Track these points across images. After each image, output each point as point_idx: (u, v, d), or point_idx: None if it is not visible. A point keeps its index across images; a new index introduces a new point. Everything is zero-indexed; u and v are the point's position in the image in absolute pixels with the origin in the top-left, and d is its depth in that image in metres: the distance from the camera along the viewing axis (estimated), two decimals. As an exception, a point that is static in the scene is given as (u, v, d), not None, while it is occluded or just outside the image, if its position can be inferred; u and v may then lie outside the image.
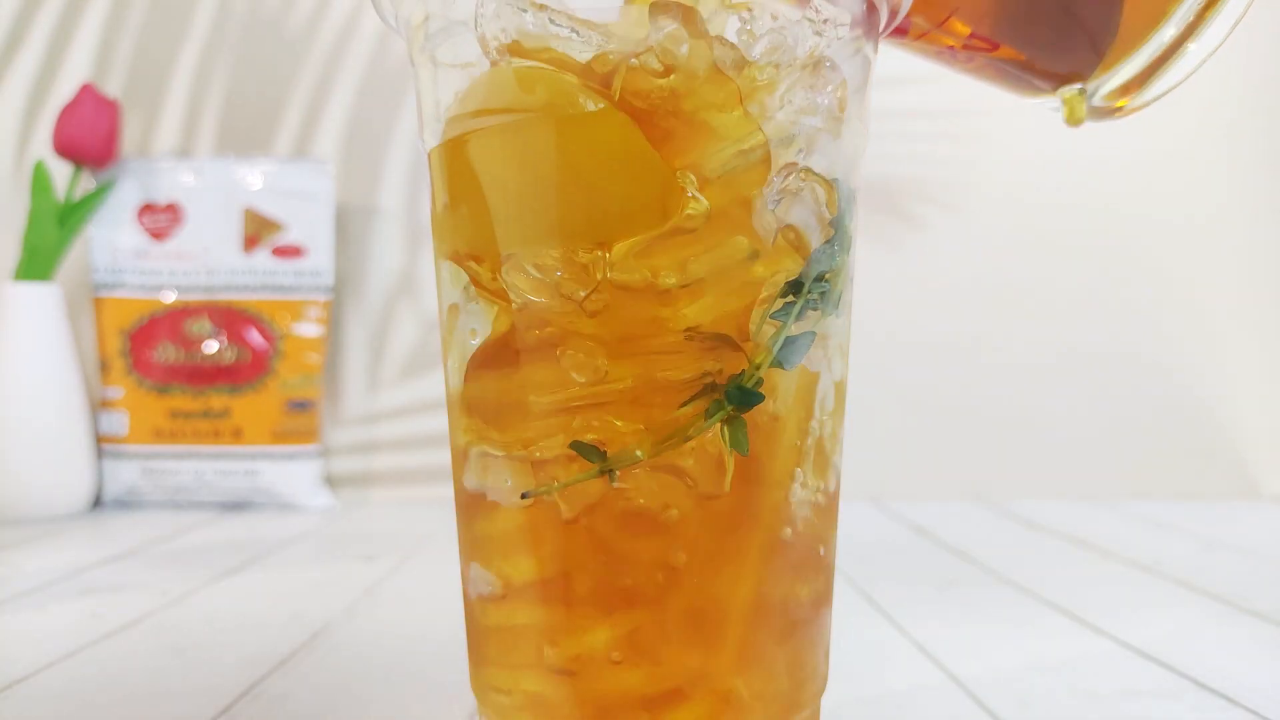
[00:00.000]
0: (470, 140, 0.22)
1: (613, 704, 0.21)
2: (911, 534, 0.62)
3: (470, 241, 0.22)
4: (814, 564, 0.23)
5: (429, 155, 0.24)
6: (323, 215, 0.73)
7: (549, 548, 0.21)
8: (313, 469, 0.72)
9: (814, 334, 0.22)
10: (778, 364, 0.21)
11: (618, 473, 0.20)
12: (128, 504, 0.71)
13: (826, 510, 0.24)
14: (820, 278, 0.21)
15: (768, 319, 0.21)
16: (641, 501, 0.20)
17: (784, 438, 0.21)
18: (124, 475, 0.71)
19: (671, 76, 0.20)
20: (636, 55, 0.20)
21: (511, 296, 0.21)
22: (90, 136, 0.68)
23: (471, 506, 0.23)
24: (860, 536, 0.61)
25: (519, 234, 0.21)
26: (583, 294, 0.20)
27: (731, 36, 0.20)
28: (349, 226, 0.78)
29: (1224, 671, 0.34)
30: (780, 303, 0.21)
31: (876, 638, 0.39)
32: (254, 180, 0.73)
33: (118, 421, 0.71)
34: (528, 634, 0.21)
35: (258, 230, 0.72)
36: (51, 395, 0.67)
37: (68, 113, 0.68)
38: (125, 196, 0.72)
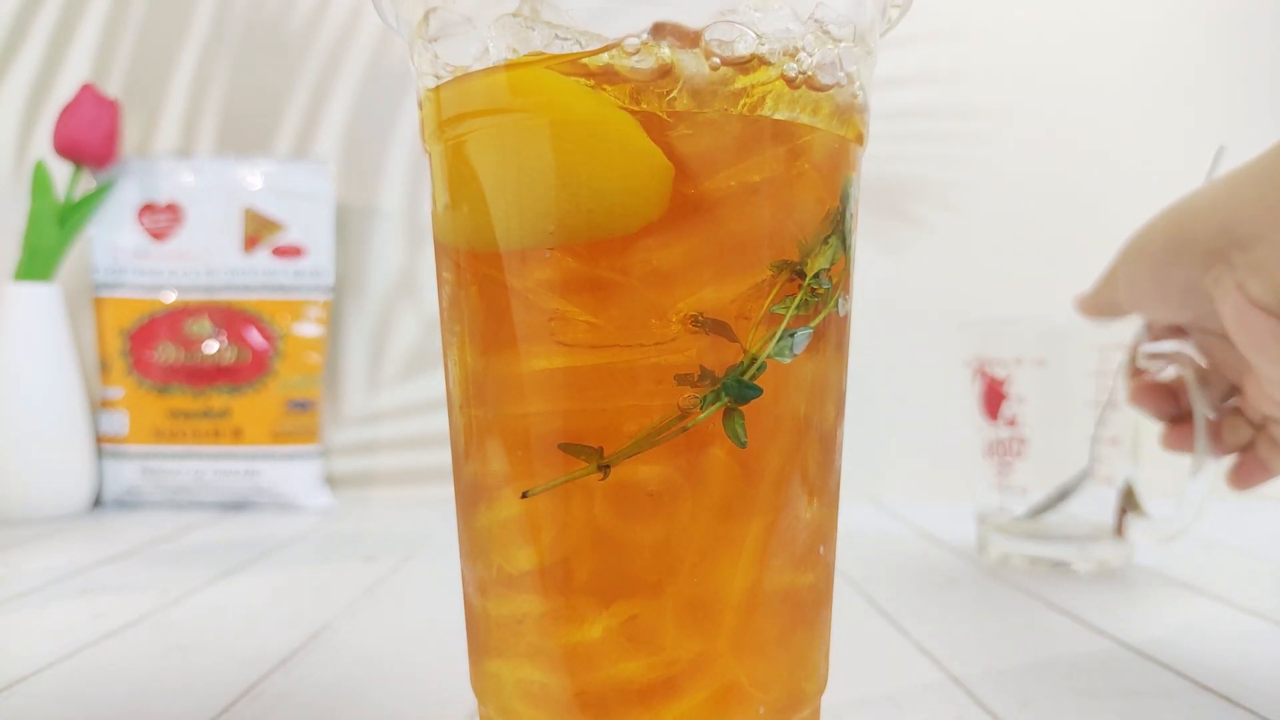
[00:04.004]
0: (470, 139, 0.22)
1: (613, 692, 0.21)
2: (911, 534, 0.62)
3: (470, 239, 0.22)
4: (813, 562, 0.23)
5: (429, 154, 0.24)
6: (323, 215, 0.73)
7: (548, 539, 0.21)
8: (313, 469, 0.72)
9: (813, 328, 0.22)
10: (776, 357, 0.21)
11: (613, 467, 0.20)
12: (128, 504, 0.71)
13: (826, 509, 0.23)
14: (821, 272, 0.22)
15: (768, 311, 0.21)
16: (638, 492, 0.20)
17: (782, 433, 0.21)
18: (124, 475, 0.71)
19: (675, 85, 0.20)
20: (635, 55, 0.20)
21: (511, 290, 0.21)
22: (90, 136, 0.69)
23: (471, 501, 0.23)
24: (860, 536, 0.61)
25: (519, 231, 0.21)
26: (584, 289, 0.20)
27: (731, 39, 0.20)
28: (349, 226, 0.78)
29: (1223, 672, 0.34)
30: (781, 295, 0.21)
31: (877, 638, 0.39)
32: (254, 180, 0.73)
33: (118, 421, 0.71)
34: (527, 624, 0.22)
35: (258, 230, 0.73)
36: (51, 395, 0.67)
37: (68, 113, 0.68)
38: (125, 196, 0.72)
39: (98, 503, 0.72)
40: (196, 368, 0.72)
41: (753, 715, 0.22)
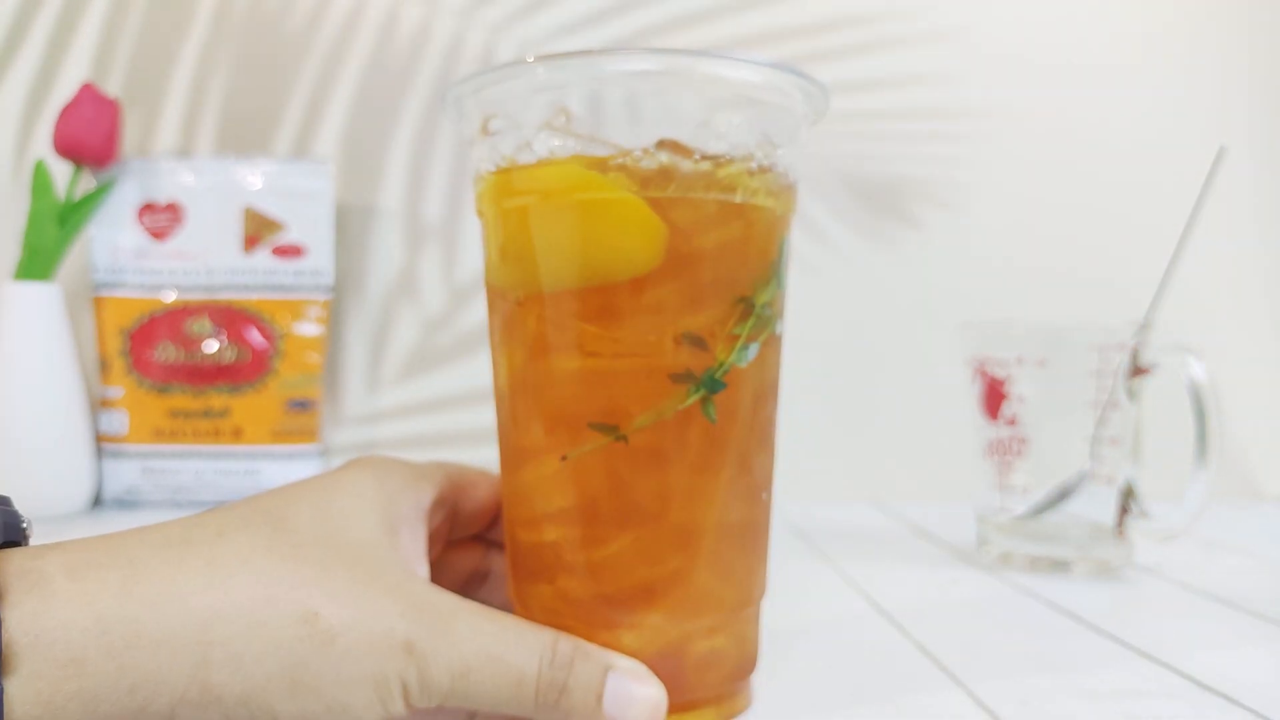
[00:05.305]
0: (520, 211, 0.29)
1: (624, 593, 0.29)
2: (911, 534, 0.62)
3: (520, 282, 0.30)
4: (760, 502, 0.31)
5: (482, 218, 0.32)
6: (323, 215, 0.73)
7: (581, 486, 0.29)
8: (313, 468, 0.72)
9: (760, 342, 0.30)
10: (736, 362, 0.29)
11: (629, 435, 0.28)
12: (128, 504, 0.71)
13: (767, 465, 0.32)
14: (767, 303, 0.30)
15: (730, 331, 0.29)
16: (644, 453, 0.28)
17: (739, 413, 0.29)
18: (124, 475, 0.71)
19: (670, 178, 0.28)
20: (642, 159, 0.28)
21: (552, 318, 0.29)
22: (90, 136, 0.68)
23: (517, 463, 0.31)
24: (860, 536, 0.61)
25: (557, 277, 0.29)
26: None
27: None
28: (349, 226, 0.78)
29: (1224, 672, 0.34)
30: (739, 320, 0.29)
31: (877, 638, 0.39)
32: (254, 180, 0.73)
33: (118, 421, 0.71)
34: (561, 547, 0.29)
35: (258, 230, 0.73)
36: (51, 395, 0.67)
37: (68, 112, 0.68)
38: (125, 196, 0.72)
39: (97, 502, 0.72)
40: (196, 367, 0.72)
41: (718, 606, 0.30)
